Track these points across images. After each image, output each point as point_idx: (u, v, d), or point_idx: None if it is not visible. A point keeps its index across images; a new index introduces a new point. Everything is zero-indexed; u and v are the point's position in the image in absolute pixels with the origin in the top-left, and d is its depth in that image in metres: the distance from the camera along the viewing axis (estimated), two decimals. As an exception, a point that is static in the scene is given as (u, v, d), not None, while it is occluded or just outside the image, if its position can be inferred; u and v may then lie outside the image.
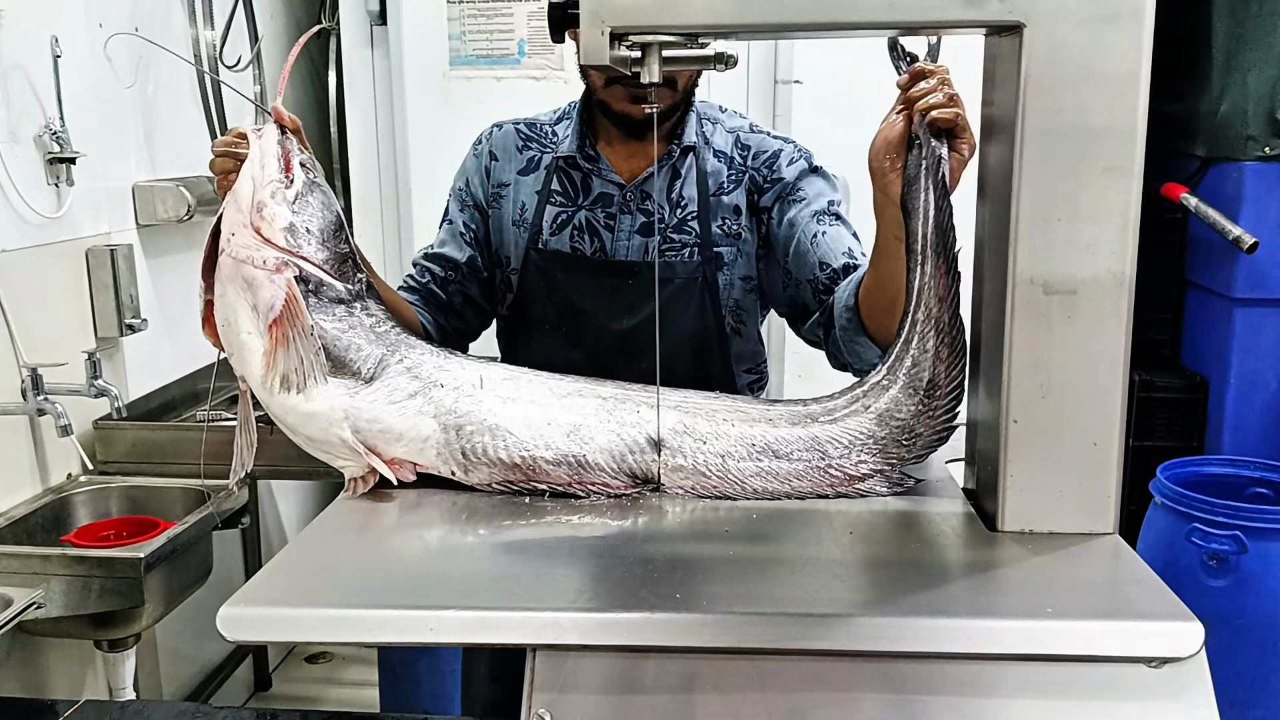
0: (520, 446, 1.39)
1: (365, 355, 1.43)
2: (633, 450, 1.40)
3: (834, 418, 1.40)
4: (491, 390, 1.44)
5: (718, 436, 1.41)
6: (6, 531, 2.24)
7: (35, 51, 2.39)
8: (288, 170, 1.43)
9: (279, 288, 1.39)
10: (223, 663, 3.24)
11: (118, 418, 2.50)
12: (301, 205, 1.43)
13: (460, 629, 1.07)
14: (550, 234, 1.83)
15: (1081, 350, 1.18)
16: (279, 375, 1.39)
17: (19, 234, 2.35)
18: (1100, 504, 1.21)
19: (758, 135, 1.88)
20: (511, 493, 1.39)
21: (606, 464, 1.39)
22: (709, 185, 1.82)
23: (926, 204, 1.34)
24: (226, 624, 1.06)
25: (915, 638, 1.03)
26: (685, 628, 1.04)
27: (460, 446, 1.40)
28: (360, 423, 1.40)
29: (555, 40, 1.29)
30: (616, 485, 1.39)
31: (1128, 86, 1.13)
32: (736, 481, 1.39)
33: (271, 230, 1.40)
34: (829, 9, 1.15)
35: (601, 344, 1.80)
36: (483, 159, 1.91)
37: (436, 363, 1.46)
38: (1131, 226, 1.16)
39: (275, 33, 3.29)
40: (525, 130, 1.91)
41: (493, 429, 1.40)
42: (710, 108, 1.90)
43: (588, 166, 1.83)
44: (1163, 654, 1.00)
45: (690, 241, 1.80)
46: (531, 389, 1.46)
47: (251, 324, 1.41)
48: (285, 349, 1.39)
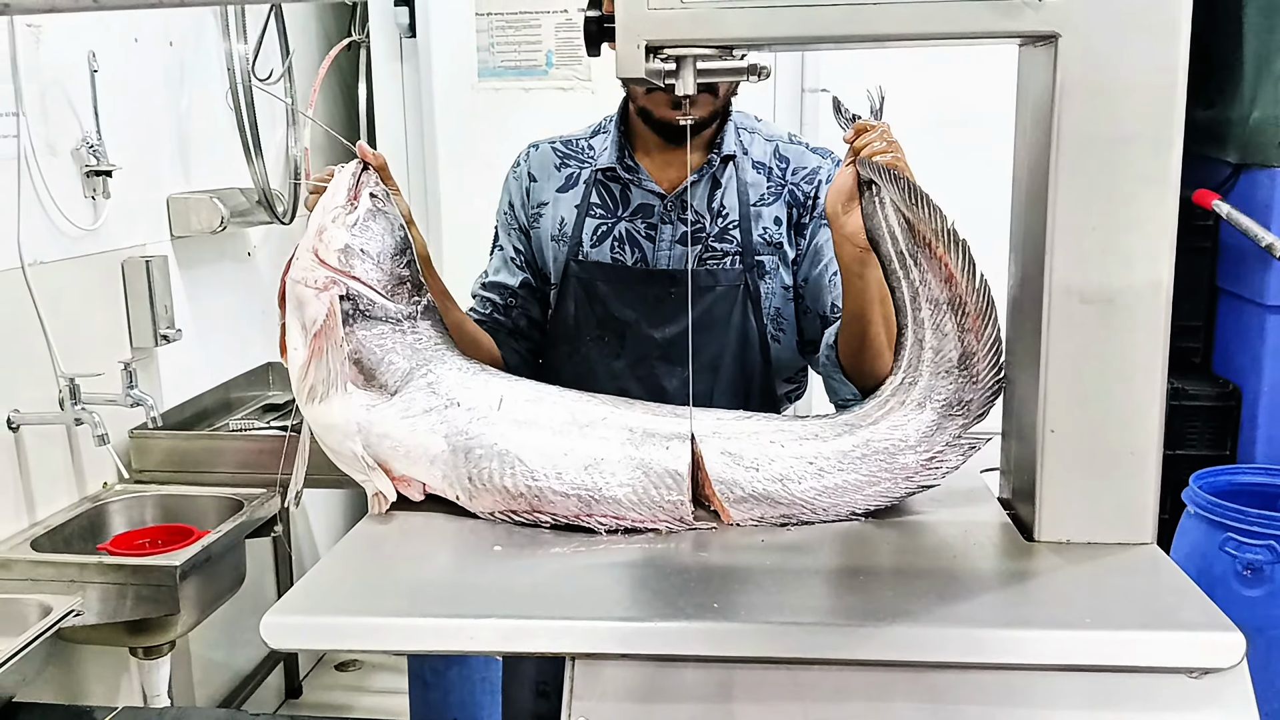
0: (528, 475, 1.36)
1: (395, 369, 1.44)
2: (658, 486, 1.35)
3: (873, 420, 1.39)
4: (509, 413, 1.41)
5: (771, 460, 1.37)
6: (45, 539, 2.27)
7: (73, 66, 2.43)
8: (355, 198, 1.48)
9: (323, 304, 1.42)
10: (254, 670, 3.27)
11: (153, 427, 2.53)
12: (361, 229, 1.46)
13: (499, 638, 1.08)
14: (590, 246, 1.84)
15: (1119, 359, 1.18)
16: (309, 385, 1.43)
17: (57, 246, 2.39)
18: (1138, 514, 1.20)
19: (796, 147, 1.89)
20: (514, 523, 1.36)
21: (626, 498, 1.34)
22: (749, 195, 1.83)
23: (889, 228, 1.40)
24: (270, 632, 1.07)
25: (952, 648, 1.03)
26: (723, 637, 1.05)
27: (467, 471, 1.38)
28: (372, 437, 1.41)
29: (591, 54, 1.30)
30: (634, 519, 1.34)
31: (1164, 96, 1.13)
32: (805, 504, 1.34)
33: (327, 252, 1.44)
34: (864, 21, 1.16)
35: (644, 352, 1.81)
36: (522, 180, 1.92)
37: (459, 380, 1.45)
38: (1168, 235, 1.16)
39: (306, 46, 3.32)
40: (562, 148, 1.92)
41: (502, 454, 1.38)
42: (746, 117, 1.90)
43: (627, 177, 1.83)
44: (1203, 664, 1.00)
45: (732, 250, 1.81)
46: (553, 413, 1.42)
47: (300, 340, 1.45)
48: (319, 360, 1.42)
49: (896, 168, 1.42)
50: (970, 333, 1.33)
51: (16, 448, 2.29)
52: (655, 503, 1.34)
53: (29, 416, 2.29)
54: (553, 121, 2.03)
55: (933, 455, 1.34)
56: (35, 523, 2.33)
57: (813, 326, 1.83)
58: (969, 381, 1.34)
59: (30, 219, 2.29)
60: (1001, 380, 1.34)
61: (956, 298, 1.34)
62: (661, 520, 1.33)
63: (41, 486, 2.36)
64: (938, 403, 1.35)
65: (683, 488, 1.34)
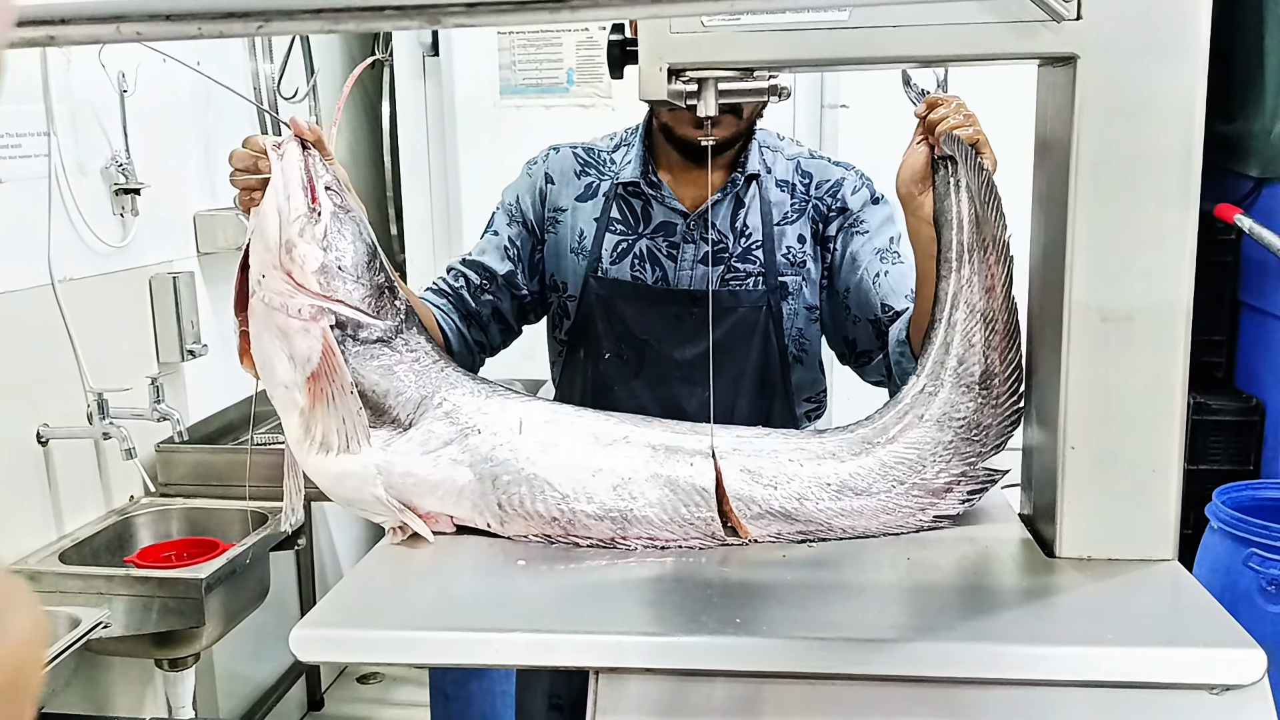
0: (560, 500, 1.32)
1: (405, 400, 1.35)
2: (686, 504, 1.34)
3: (890, 436, 1.38)
4: (531, 436, 1.36)
5: (789, 479, 1.36)
6: (72, 552, 2.30)
7: (103, 87, 2.46)
8: (314, 200, 1.32)
9: (315, 338, 1.30)
10: (277, 683, 3.29)
11: (179, 441, 2.56)
12: (332, 239, 1.33)
13: (524, 651, 1.09)
14: (610, 262, 1.83)
15: (1139, 377, 1.19)
16: (319, 436, 1.32)
17: (86, 263, 2.42)
18: (1160, 530, 1.21)
19: (818, 161, 1.88)
20: (549, 543, 1.34)
21: (657, 517, 1.32)
22: (773, 214, 1.82)
23: (959, 213, 1.37)
24: (299, 645, 1.09)
25: (975, 663, 1.04)
26: (746, 652, 1.06)
27: (496, 498, 1.33)
28: (394, 478, 1.33)
29: (615, 76, 1.32)
30: (667, 538, 1.32)
31: (1183, 115, 1.14)
32: (822, 524, 1.34)
33: (303, 274, 1.31)
34: (885, 44, 1.17)
35: (663, 372, 1.79)
36: (537, 179, 1.90)
37: (476, 404, 1.38)
38: (1188, 253, 1.17)
39: (331, 65, 3.36)
40: (583, 155, 1.90)
41: (530, 479, 1.33)
42: (769, 136, 1.90)
43: (650, 193, 1.82)
44: (1225, 681, 1.00)
45: (754, 271, 1.79)
46: (574, 434, 1.38)
47: (289, 376, 1.32)
48: (326, 406, 1.31)
49: (978, 144, 1.38)
50: (995, 351, 1.34)
51: (45, 462, 2.32)
52: (686, 520, 1.32)
53: (58, 431, 2.32)
54: (574, 138, 2.04)
55: (947, 487, 1.34)
56: (63, 535, 2.36)
57: (866, 334, 1.79)
58: (988, 403, 1.34)
59: (60, 236, 2.32)
60: (1019, 409, 1.34)
61: (991, 311, 1.34)
62: (693, 538, 1.32)
63: (69, 500, 2.39)
64: (957, 423, 1.34)
65: (710, 504, 1.32)
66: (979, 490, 1.35)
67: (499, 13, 0.71)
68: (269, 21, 0.72)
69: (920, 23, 1.14)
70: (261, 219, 1.33)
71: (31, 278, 2.27)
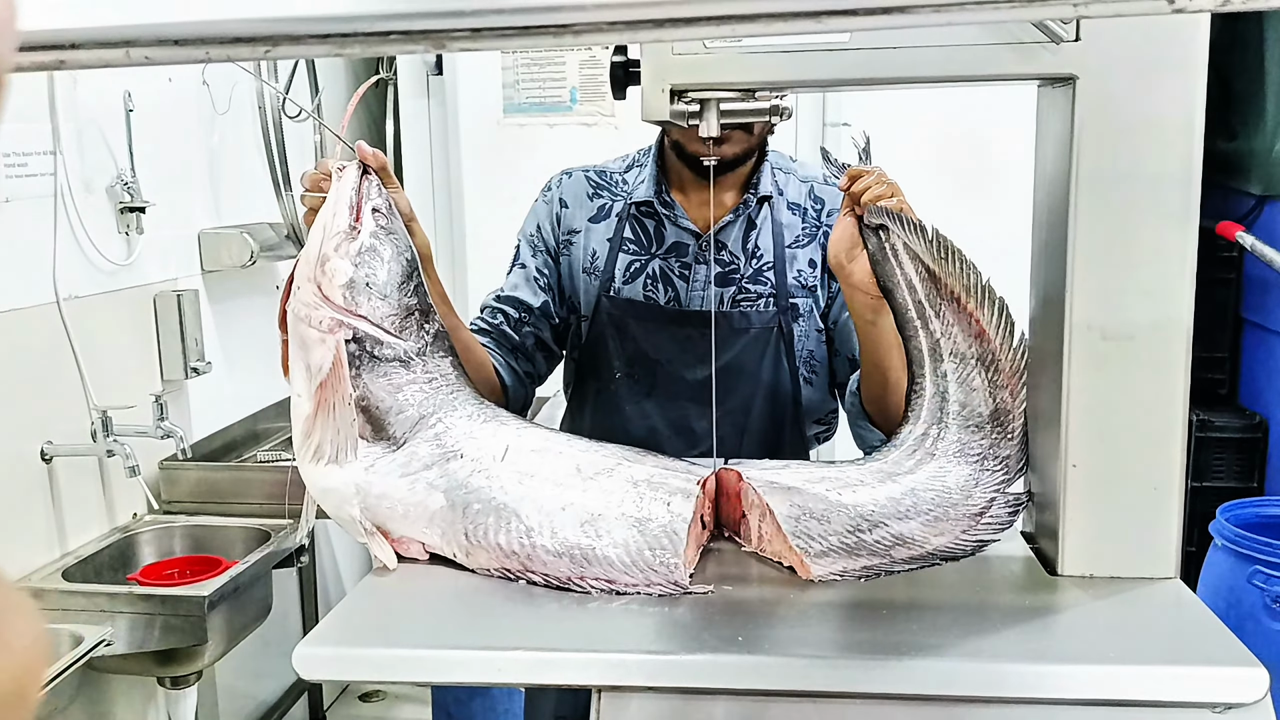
0: (525, 534, 1.26)
1: (404, 419, 1.34)
2: (652, 547, 1.24)
3: (907, 469, 1.35)
4: (512, 464, 1.32)
5: (839, 509, 1.30)
6: (75, 570, 2.31)
7: (108, 106, 2.48)
8: (357, 219, 1.35)
9: (329, 349, 1.32)
10: (279, 700, 3.28)
11: (182, 458, 2.56)
12: (366, 258, 1.34)
13: (526, 670, 1.09)
14: (623, 282, 1.83)
15: (1140, 395, 1.19)
16: (315, 443, 1.32)
17: (91, 281, 2.43)
18: (1161, 548, 1.21)
19: (831, 189, 1.87)
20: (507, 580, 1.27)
21: (619, 559, 1.23)
22: (784, 237, 1.82)
23: (904, 276, 1.39)
24: (302, 663, 1.09)
25: (976, 682, 1.04)
26: (748, 670, 1.06)
27: (464, 527, 1.29)
28: (370, 499, 1.31)
29: (617, 97, 1.33)
30: (626, 582, 1.22)
31: (1181, 135, 1.15)
32: (883, 556, 1.28)
33: (331, 287, 1.32)
34: (884, 65, 1.18)
35: (675, 393, 1.79)
36: (553, 205, 1.91)
37: (468, 428, 1.35)
38: (1188, 272, 1.17)
39: (335, 84, 3.38)
40: (595, 178, 1.91)
41: (499, 509, 1.28)
42: (782, 158, 1.90)
43: (664, 212, 1.83)
44: (1227, 700, 1.00)
45: (766, 293, 1.80)
46: (558, 465, 1.32)
47: (303, 385, 1.35)
48: (325, 415, 1.32)
49: (903, 210, 1.40)
50: (1004, 389, 1.33)
51: (49, 479, 2.33)
52: (648, 564, 1.22)
53: (62, 448, 2.33)
54: (577, 157, 2.05)
55: (982, 509, 1.32)
56: (67, 553, 2.36)
57: (843, 369, 1.82)
58: (1004, 437, 1.34)
59: (65, 254, 2.33)
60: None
61: (989, 354, 1.34)
62: (655, 584, 1.22)
63: (73, 517, 2.39)
64: (972, 456, 1.34)
65: (678, 549, 1.23)
66: (1016, 510, 1.34)
67: (503, 38, 0.71)
68: (276, 46, 0.73)
69: (921, 44, 1.15)
70: (310, 234, 1.37)
71: (37, 295, 2.28)
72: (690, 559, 1.26)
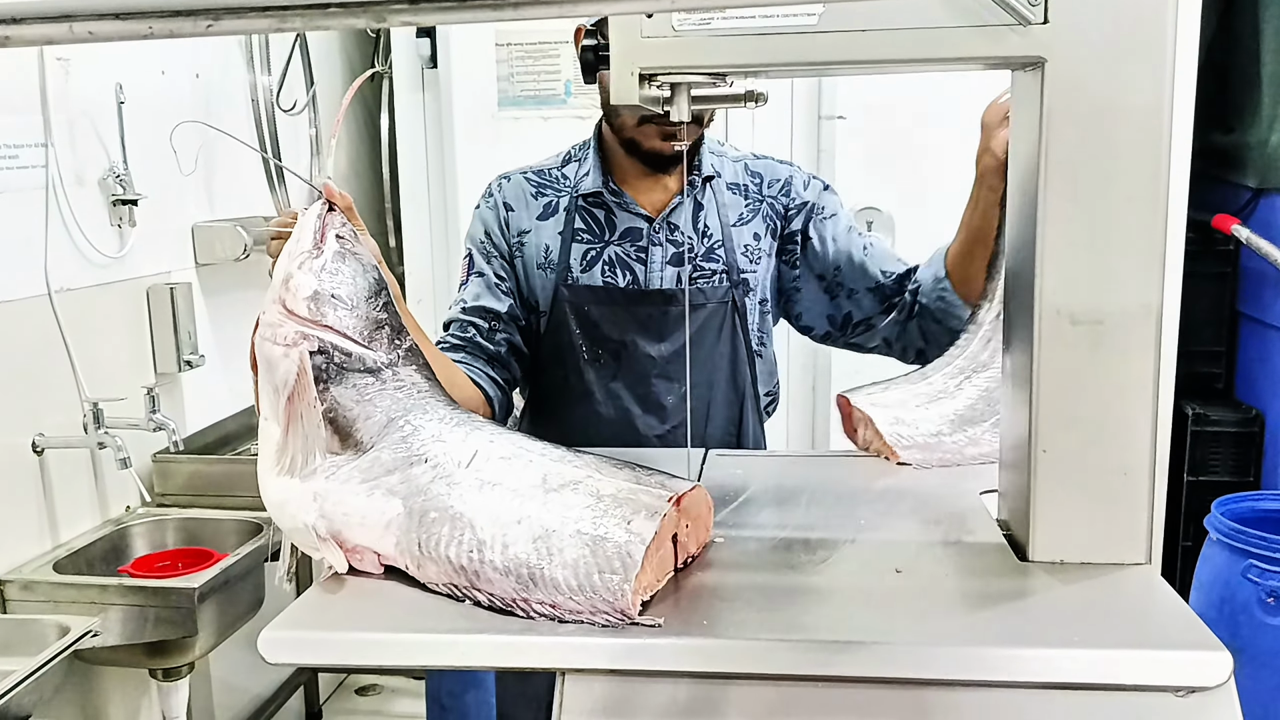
0: (475, 547, 1.17)
1: (372, 424, 1.28)
2: (602, 569, 1.12)
3: (981, 362, 1.60)
4: (477, 471, 1.24)
5: (925, 420, 1.61)
6: (68, 562, 2.31)
7: (101, 98, 2.49)
8: (321, 239, 1.31)
9: (292, 361, 1.27)
10: (275, 694, 3.29)
11: (175, 451, 2.57)
12: (330, 273, 1.30)
13: (491, 653, 1.09)
14: (581, 270, 1.88)
15: (1110, 380, 1.18)
16: (289, 456, 1.27)
17: (83, 273, 2.44)
18: (1132, 534, 1.20)
19: (764, 161, 1.99)
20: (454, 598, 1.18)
21: (565, 581, 1.12)
22: (729, 215, 1.91)
23: None
24: (267, 646, 1.09)
25: (940, 665, 1.03)
26: (711, 653, 1.06)
27: (418, 537, 1.20)
28: (328, 505, 1.25)
29: (588, 81, 1.33)
30: (571, 608, 1.12)
31: (1151, 118, 1.14)
32: (955, 453, 1.57)
33: (295, 301, 1.28)
34: (855, 48, 1.18)
35: (642, 371, 1.86)
36: (498, 210, 1.93)
37: (435, 431, 1.28)
38: (1158, 257, 1.16)
39: (330, 77, 3.39)
40: (535, 177, 1.95)
41: (455, 519, 1.19)
42: (712, 142, 1.98)
43: (613, 201, 1.88)
44: (1190, 683, 1.00)
45: (719, 269, 1.89)
46: (524, 474, 1.24)
47: (270, 407, 1.29)
48: (295, 427, 1.27)
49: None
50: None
51: (41, 471, 2.34)
52: (595, 588, 1.11)
53: (53, 440, 2.34)
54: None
55: None
56: (59, 545, 2.37)
57: (866, 303, 1.93)
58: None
59: (57, 247, 2.34)
60: None
61: None
62: (600, 612, 1.10)
63: (65, 509, 2.40)
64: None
65: (629, 574, 1.11)
66: None
67: (442, 11, 0.71)
68: (218, 20, 0.73)
69: (888, 27, 1.15)
70: (276, 267, 1.33)
71: (28, 288, 2.29)
72: (646, 586, 1.14)
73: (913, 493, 1.52)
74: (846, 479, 1.58)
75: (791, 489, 1.53)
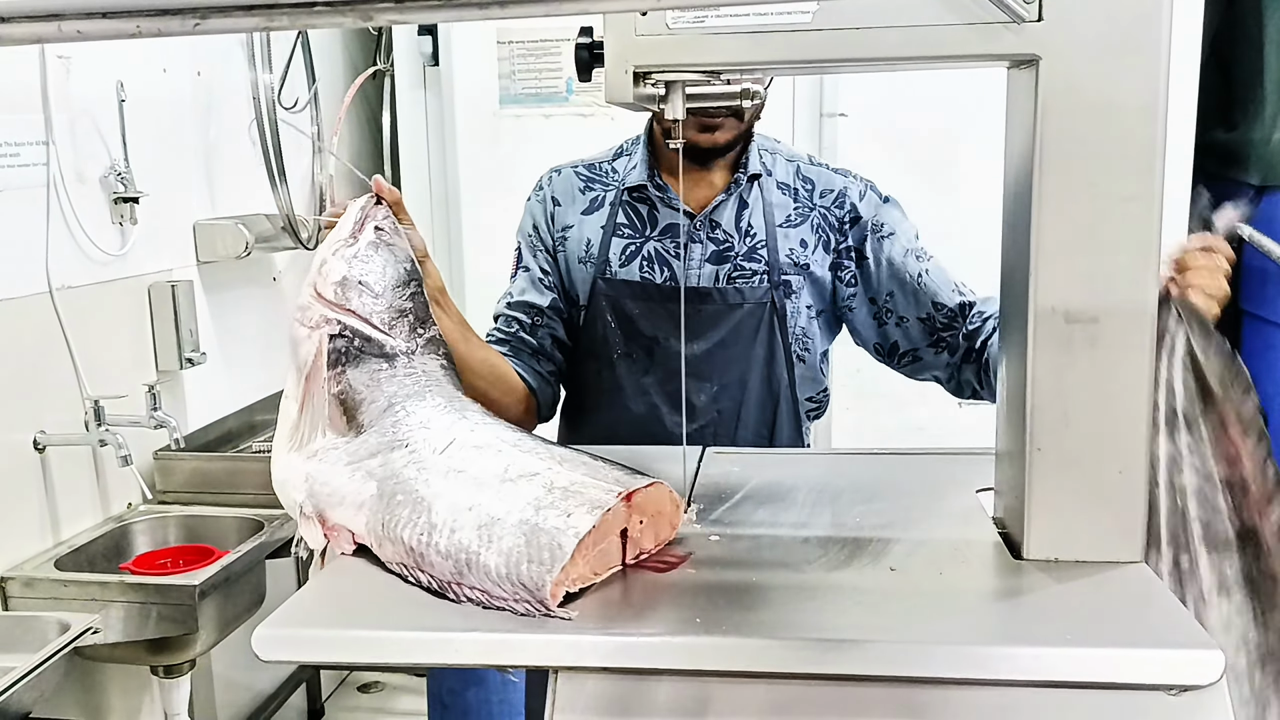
0: (426, 530, 1.19)
1: (374, 406, 1.33)
2: (531, 560, 1.12)
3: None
4: (448, 458, 1.26)
5: None
6: (69, 559, 2.32)
7: (102, 96, 2.49)
8: (359, 230, 1.39)
9: (313, 343, 1.34)
10: (277, 691, 3.30)
11: (176, 449, 2.58)
12: (360, 261, 1.37)
13: (483, 650, 1.09)
14: (619, 265, 1.88)
15: (1105, 378, 1.18)
16: (300, 435, 1.33)
17: (84, 271, 2.45)
18: (1127, 532, 1.20)
19: (818, 169, 1.93)
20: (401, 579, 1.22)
21: (495, 569, 1.13)
22: (775, 216, 1.87)
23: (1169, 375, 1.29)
24: (261, 644, 1.09)
25: (932, 663, 1.03)
26: (705, 651, 1.05)
27: (383, 518, 1.23)
28: (315, 484, 1.30)
29: (583, 79, 1.33)
30: (497, 594, 1.13)
31: (1145, 117, 1.14)
32: None
33: (324, 285, 1.35)
34: (848, 45, 1.17)
35: (673, 368, 1.82)
36: (546, 204, 1.95)
37: (424, 417, 1.32)
38: (1152, 255, 1.16)
39: (332, 75, 3.39)
40: (585, 172, 1.95)
41: (417, 502, 1.22)
42: (767, 139, 1.95)
43: (657, 195, 1.87)
44: (1183, 681, 0.99)
45: (759, 270, 1.85)
46: (490, 464, 1.25)
47: (292, 386, 1.36)
48: (309, 406, 1.33)
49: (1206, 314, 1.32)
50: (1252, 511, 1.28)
51: (43, 468, 2.34)
52: (519, 578, 1.12)
53: (55, 438, 2.34)
54: (573, 147, 2.07)
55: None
56: (60, 542, 2.38)
57: (914, 334, 1.86)
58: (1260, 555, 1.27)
59: (59, 245, 2.35)
60: None
61: (1238, 478, 1.29)
62: (522, 600, 1.12)
63: (66, 507, 2.41)
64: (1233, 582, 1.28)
65: (556, 564, 1.11)
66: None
67: (429, 9, 0.71)
68: (205, 19, 0.73)
69: (881, 24, 1.15)
70: (316, 251, 1.40)
71: (30, 285, 2.29)
72: (576, 578, 1.14)
73: (907, 490, 1.51)
74: (841, 476, 1.57)
75: (787, 486, 1.53)
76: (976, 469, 1.51)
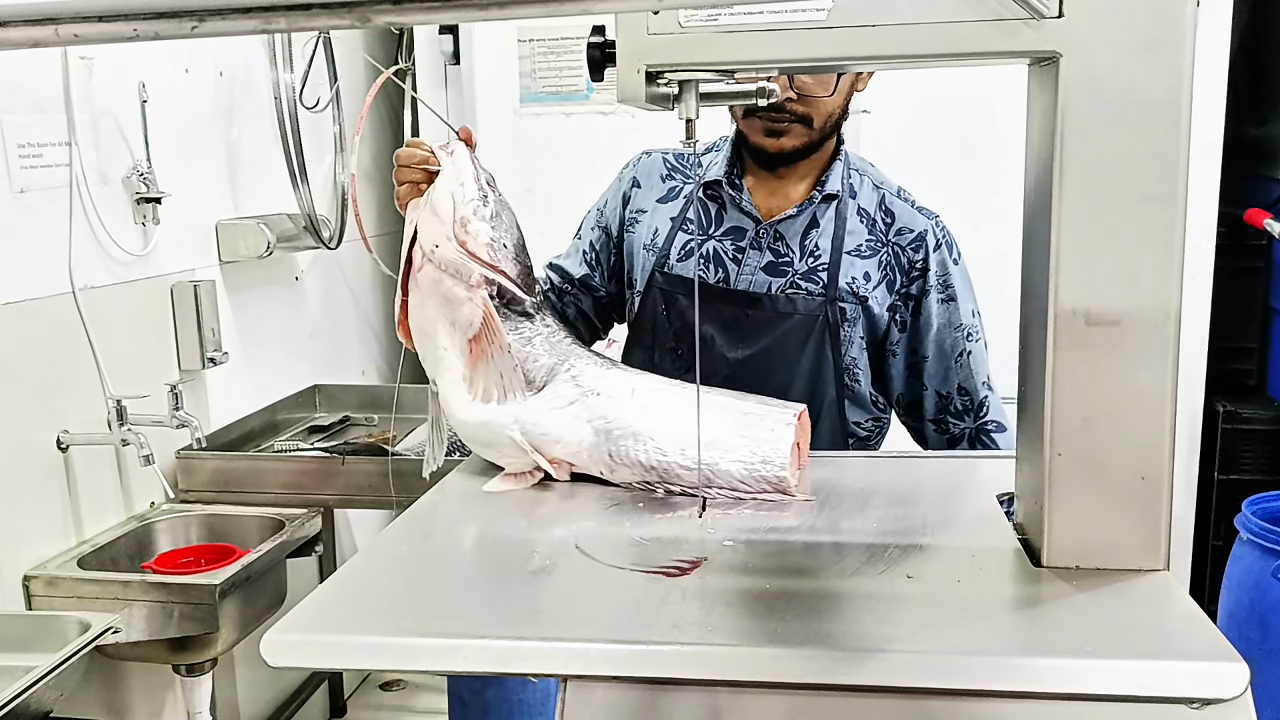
0: (659, 452, 1.48)
1: (540, 365, 1.55)
2: (765, 460, 1.46)
3: None
4: (641, 400, 1.53)
5: None
6: (92, 558, 2.33)
7: (124, 96, 2.50)
8: (485, 190, 1.54)
9: (476, 305, 1.50)
10: (299, 689, 3.31)
11: (198, 448, 2.59)
12: (497, 222, 1.53)
13: (494, 658, 1.08)
14: (677, 259, 1.87)
15: (1127, 382, 1.15)
16: (480, 391, 1.52)
17: (107, 271, 2.46)
18: (1150, 539, 1.17)
19: (903, 204, 1.87)
20: (648, 491, 1.49)
21: (738, 473, 1.45)
22: (845, 241, 1.82)
23: None
24: (270, 649, 1.09)
25: (949, 674, 1.01)
26: (715, 660, 1.04)
27: (608, 449, 1.50)
28: (528, 426, 1.51)
29: (594, 79, 1.32)
30: (746, 490, 1.45)
31: (1169, 114, 1.11)
32: None
33: (476, 245, 1.49)
34: (865, 44, 1.15)
35: (714, 370, 1.79)
36: (624, 184, 1.98)
37: (596, 373, 1.56)
38: (1176, 256, 1.13)
39: (353, 74, 3.39)
40: (673, 160, 1.96)
41: (636, 434, 1.49)
42: (860, 160, 1.90)
43: (730, 194, 1.86)
44: (1205, 695, 0.97)
45: (816, 291, 1.81)
46: (678, 400, 1.52)
47: (449, 339, 1.52)
48: (485, 364, 1.51)
49: None
50: None
51: (66, 468, 2.36)
52: (762, 477, 1.45)
53: (78, 437, 2.36)
54: (594, 145, 2.08)
55: None
56: (83, 541, 2.40)
57: (926, 400, 1.86)
58: None
59: (81, 245, 2.36)
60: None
61: None
62: (768, 491, 1.45)
63: (89, 506, 2.42)
64: None
65: (784, 464, 1.44)
66: None
67: (428, 11, 0.70)
68: (203, 21, 0.72)
69: (898, 21, 1.13)
70: (435, 202, 1.51)
71: (53, 286, 2.31)
72: (794, 473, 1.46)
73: (926, 494, 1.49)
74: (858, 480, 1.55)
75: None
76: (997, 473, 1.49)
